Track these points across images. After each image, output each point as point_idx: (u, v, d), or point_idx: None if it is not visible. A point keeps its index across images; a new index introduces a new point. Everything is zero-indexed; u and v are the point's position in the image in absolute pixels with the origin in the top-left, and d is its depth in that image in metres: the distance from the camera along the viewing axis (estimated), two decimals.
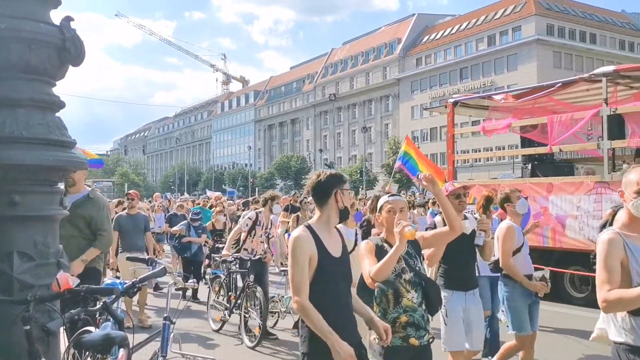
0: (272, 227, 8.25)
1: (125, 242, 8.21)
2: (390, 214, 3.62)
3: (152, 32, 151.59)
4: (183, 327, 8.24)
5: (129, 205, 8.54)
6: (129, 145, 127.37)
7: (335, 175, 3.26)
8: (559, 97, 9.51)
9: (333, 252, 3.17)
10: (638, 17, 69.24)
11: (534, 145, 10.44)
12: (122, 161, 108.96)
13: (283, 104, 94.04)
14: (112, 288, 3.49)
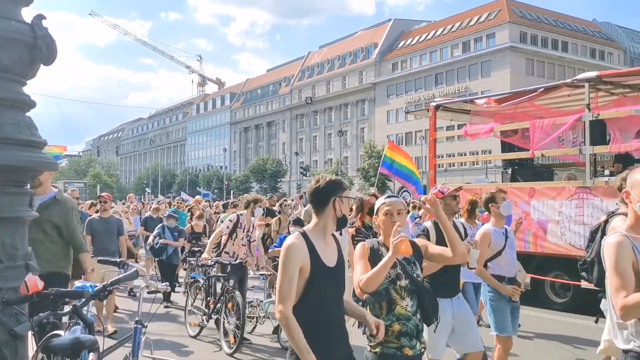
0: (253, 230, 8.04)
1: (97, 246, 7.85)
2: (387, 216, 3.45)
3: (127, 32, 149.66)
4: (159, 332, 8.01)
5: (101, 208, 8.22)
6: (101, 146, 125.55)
7: (335, 181, 3.12)
8: (541, 102, 9.49)
9: (327, 262, 3.01)
10: (609, 26, 70.64)
11: (515, 150, 10.38)
12: (94, 162, 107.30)
13: (259, 106, 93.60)
14: (82, 291, 3.44)
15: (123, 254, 8.02)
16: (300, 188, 61.57)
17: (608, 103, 9.27)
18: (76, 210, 5.51)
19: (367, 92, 72.92)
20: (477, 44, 62.57)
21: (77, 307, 3.33)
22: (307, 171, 62.80)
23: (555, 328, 8.20)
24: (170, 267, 10.33)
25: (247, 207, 7.98)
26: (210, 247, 7.84)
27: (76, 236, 5.23)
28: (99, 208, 8.27)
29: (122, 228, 8.27)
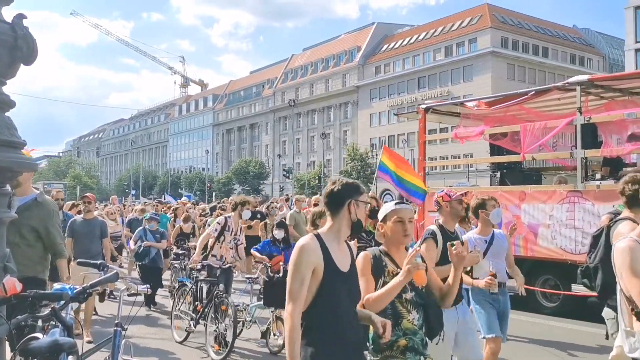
0: (241, 233, 7.84)
1: (79, 248, 7.54)
2: (398, 224, 3.24)
3: (109, 32, 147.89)
4: (144, 337, 7.79)
5: (85, 209, 7.90)
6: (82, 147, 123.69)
7: (352, 185, 3.01)
8: (531, 105, 9.41)
9: (341, 266, 2.89)
10: (588, 32, 71.52)
11: (504, 153, 10.33)
12: (74, 163, 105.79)
13: (242, 108, 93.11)
14: (61, 293, 3.40)
15: (107, 256, 7.75)
16: (283, 190, 61.33)
17: (598, 107, 9.23)
18: (57, 214, 5.27)
19: (351, 95, 72.93)
20: (459, 49, 62.94)
21: (56, 309, 3.28)
22: (289, 174, 62.57)
23: (545, 333, 8.12)
24: (154, 270, 10.03)
25: (234, 209, 7.80)
26: (200, 250, 7.62)
27: (56, 242, 5.00)
28: (83, 209, 7.95)
29: (105, 230, 7.97)
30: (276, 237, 7.61)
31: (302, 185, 63.82)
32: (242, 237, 7.87)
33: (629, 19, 51.16)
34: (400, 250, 3.29)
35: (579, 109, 8.28)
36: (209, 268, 7.34)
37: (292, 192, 61.22)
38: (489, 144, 10.65)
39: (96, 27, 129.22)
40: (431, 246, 4.70)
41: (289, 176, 62.43)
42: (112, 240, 10.01)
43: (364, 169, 60.00)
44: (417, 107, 10.58)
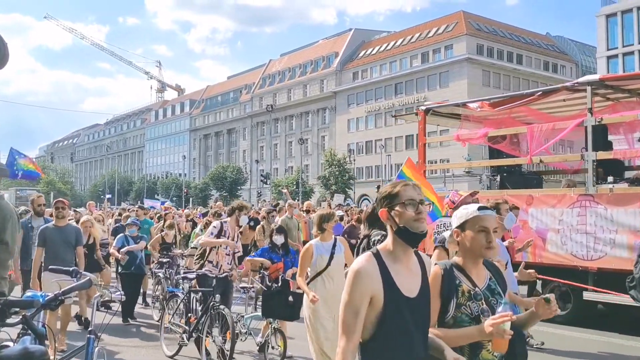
0: (238, 239, 7.21)
1: (51, 258, 6.81)
2: (480, 235, 2.60)
3: (84, 36, 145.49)
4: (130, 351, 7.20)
5: (59, 214, 7.15)
6: (55, 153, 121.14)
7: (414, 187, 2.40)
8: (536, 107, 8.96)
9: (406, 291, 2.31)
10: (561, 39, 72.38)
11: (503, 156, 9.89)
12: (48, 169, 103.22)
13: (219, 113, 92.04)
14: (32, 300, 3.32)
15: (80, 265, 6.97)
16: (261, 196, 60.48)
17: (603, 108, 8.84)
18: (14, 220, 4.66)
19: (328, 101, 72.58)
20: (435, 55, 63.11)
21: (27, 317, 3.23)
22: (267, 179, 61.82)
23: (557, 342, 7.68)
24: (136, 278, 9.43)
25: (231, 214, 7.20)
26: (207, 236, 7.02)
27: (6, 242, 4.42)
28: (56, 215, 7.20)
29: (80, 238, 7.28)
30: (276, 243, 7.03)
31: (280, 191, 63.12)
32: (238, 244, 7.26)
33: (601, 26, 51.85)
34: (478, 265, 2.69)
35: (589, 109, 7.87)
36: (203, 278, 6.73)
37: (269, 197, 60.51)
38: (487, 147, 10.19)
39: (71, 31, 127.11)
40: (442, 256, 4.32)
41: (267, 182, 61.67)
42: (101, 247, 9.41)
43: (342, 174, 59.60)
44: (417, 108, 10.06)
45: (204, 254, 7.04)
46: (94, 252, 8.71)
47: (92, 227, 8.71)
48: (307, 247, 5.64)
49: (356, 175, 63.69)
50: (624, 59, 50.60)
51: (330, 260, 5.58)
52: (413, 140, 63.70)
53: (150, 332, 8.55)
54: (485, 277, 2.68)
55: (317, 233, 5.71)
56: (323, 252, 5.59)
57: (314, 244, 5.62)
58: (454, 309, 2.56)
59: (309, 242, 5.71)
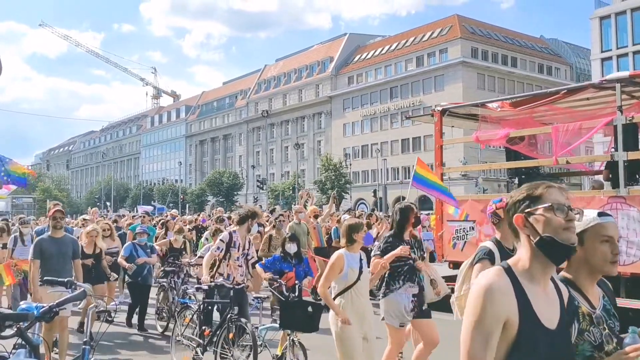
0: (250, 247, 6.65)
1: (48, 271, 6.22)
2: (603, 246, 2.08)
3: (79, 44, 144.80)
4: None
5: (57, 225, 6.55)
6: (51, 160, 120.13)
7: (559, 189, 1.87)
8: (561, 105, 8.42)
9: (545, 320, 1.78)
10: (555, 42, 72.19)
11: (520, 158, 9.36)
12: (44, 176, 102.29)
13: (215, 119, 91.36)
14: (26, 314, 3.33)
15: (78, 278, 6.41)
16: (257, 201, 59.89)
17: (629, 106, 8.32)
18: None
19: (324, 105, 72.11)
20: (430, 59, 62.78)
21: (22, 329, 3.24)
22: (263, 184, 61.23)
23: None
24: (142, 288, 8.97)
25: (242, 222, 6.62)
26: (207, 271, 6.45)
27: None
28: (53, 225, 6.59)
29: (78, 249, 6.71)
30: (288, 252, 6.50)
31: (277, 195, 62.57)
32: (252, 251, 6.70)
33: (595, 28, 51.58)
34: (594, 283, 2.17)
35: (619, 107, 7.34)
36: (219, 288, 6.20)
37: (266, 202, 59.89)
38: (504, 149, 9.65)
39: (66, 38, 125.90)
40: (484, 270, 3.73)
41: (263, 187, 61.08)
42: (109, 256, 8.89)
43: (338, 178, 59.08)
44: (433, 109, 9.51)
45: (214, 264, 6.50)
46: (100, 262, 8.33)
47: (97, 236, 8.29)
48: (337, 256, 5.08)
49: (352, 179, 63.21)
50: (618, 61, 50.31)
51: (359, 274, 5.06)
52: (409, 143, 63.39)
53: (157, 344, 8.11)
54: (599, 295, 2.17)
55: (346, 245, 5.18)
56: (353, 264, 5.06)
57: (345, 254, 5.09)
58: (576, 336, 2.02)
59: (338, 252, 5.16)
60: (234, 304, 6.07)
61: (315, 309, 5.62)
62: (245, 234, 6.59)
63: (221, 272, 6.45)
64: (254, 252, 6.85)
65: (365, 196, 59.27)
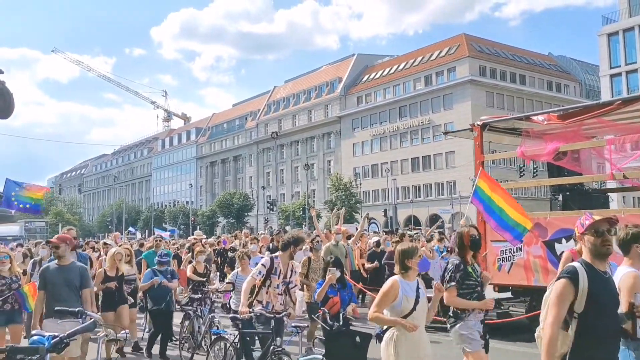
0: (292, 274, 6.05)
1: (52, 301, 5.75)
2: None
3: (90, 68, 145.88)
4: None
5: (54, 254, 6.05)
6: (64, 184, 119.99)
7: None
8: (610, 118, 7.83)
9: None
10: (564, 59, 71.69)
11: (564, 173, 8.74)
12: (56, 200, 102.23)
13: (225, 141, 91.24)
14: (37, 347, 3.35)
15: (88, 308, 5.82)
16: (268, 222, 59.27)
17: None
18: None
19: (333, 126, 71.81)
20: (438, 78, 62.45)
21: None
22: (274, 205, 60.67)
23: None
24: (167, 315, 8.46)
25: (285, 249, 6.02)
26: (245, 299, 5.85)
27: None
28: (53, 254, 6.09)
29: (86, 278, 6.09)
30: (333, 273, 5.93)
31: (287, 216, 61.95)
32: (294, 279, 6.11)
33: (603, 45, 51.09)
34: None
35: None
36: (258, 318, 5.61)
37: (276, 223, 59.22)
38: (546, 164, 9.04)
39: (78, 63, 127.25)
40: (565, 290, 3.25)
41: (274, 208, 60.51)
42: (126, 284, 8.32)
43: (349, 198, 58.41)
44: (473, 123, 8.92)
45: (252, 290, 5.92)
46: (122, 285, 7.95)
47: (120, 260, 7.91)
48: (392, 283, 4.53)
49: (363, 199, 62.54)
50: (627, 77, 49.76)
51: (415, 303, 4.45)
52: (419, 162, 62.79)
53: None
54: None
55: (400, 273, 4.60)
56: (409, 292, 4.47)
57: (400, 282, 4.51)
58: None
59: (393, 277, 4.59)
60: (276, 335, 5.50)
61: (363, 339, 5.18)
62: (288, 261, 6.01)
63: (260, 300, 5.86)
64: (297, 280, 6.27)
65: (376, 215, 58.46)
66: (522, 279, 8.02)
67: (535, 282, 7.95)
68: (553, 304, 3.29)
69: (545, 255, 7.83)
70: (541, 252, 7.86)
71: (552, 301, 3.32)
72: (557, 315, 3.24)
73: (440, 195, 60.31)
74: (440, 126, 60.72)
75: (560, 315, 3.25)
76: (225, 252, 11.95)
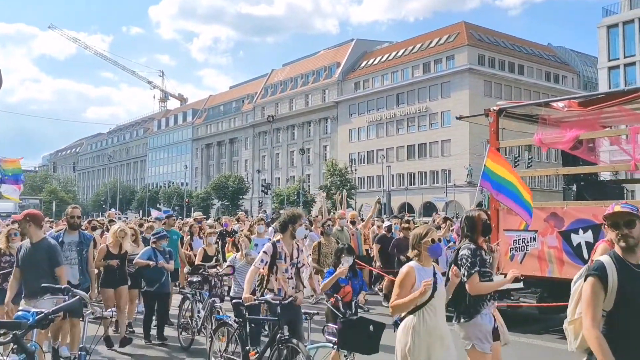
0: (300, 254, 5.68)
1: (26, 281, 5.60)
2: None
3: (87, 46, 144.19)
4: None
5: (23, 231, 5.85)
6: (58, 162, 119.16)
7: None
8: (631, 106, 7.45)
9: None
10: (563, 50, 71.23)
11: (579, 162, 8.38)
12: (50, 178, 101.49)
13: (221, 123, 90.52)
14: (21, 322, 3.35)
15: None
16: (262, 205, 58.90)
17: None
18: None
19: (330, 111, 71.27)
20: (437, 65, 61.95)
21: (18, 336, 3.29)
22: (268, 189, 60.29)
23: None
24: (163, 296, 8.17)
25: (284, 229, 5.64)
26: (249, 286, 5.47)
27: None
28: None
29: (55, 256, 5.68)
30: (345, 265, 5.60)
31: (282, 200, 61.61)
32: (303, 258, 5.74)
33: (602, 37, 50.65)
34: None
35: None
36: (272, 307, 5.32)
37: (270, 207, 58.85)
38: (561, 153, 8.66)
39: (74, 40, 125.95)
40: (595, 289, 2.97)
41: (268, 192, 60.13)
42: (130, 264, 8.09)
43: (344, 184, 58.07)
44: (488, 109, 8.49)
45: (262, 280, 5.56)
46: (124, 264, 7.76)
47: (124, 237, 7.69)
48: (406, 270, 4.20)
49: (358, 185, 62.24)
50: (625, 70, 49.44)
51: (433, 290, 4.11)
52: (415, 150, 62.44)
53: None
54: None
55: (414, 256, 4.27)
56: (425, 279, 4.12)
57: (416, 268, 4.16)
58: None
59: (407, 265, 4.25)
60: (283, 322, 5.16)
61: (376, 328, 4.91)
62: (291, 241, 5.64)
63: (271, 288, 5.50)
64: (305, 259, 5.90)
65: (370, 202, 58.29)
66: (536, 269, 7.69)
67: (549, 273, 7.63)
68: (587, 306, 3.01)
69: (560, 246, 7.50)
70: (557, 242, 7.52)
71: (584, 303, 3.05)
72: (593, 316, 2.98)
73: (435, 183, 60.11)
74: (437, 114, 60.37)
75: (596, 316, 2.99)
76: (226, 234, 11.60)
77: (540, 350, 7.42)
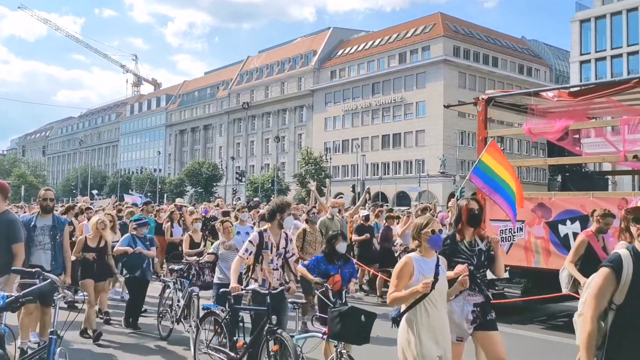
0: (288, 244, 5.47)
1: None
2: None
3: (58, 28, 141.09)
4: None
5: None
6: (27, 145, 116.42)
7: None
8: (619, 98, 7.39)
9: None
10: (536, 43, 72.04)
11: (564, 154, 8.33)
12: (19, 162, 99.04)
13: (196, 109, 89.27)
14: None
15: (18, 265, 5.14)
16: (236, 193, 58.39)
17: None
18: None
19: (305, 99, 70.90)
20: (412, 56, 62.07)
21: None
22: (242, 176, 59.79)
23: None
24: (141, 283, 7.94)
25: (272, 218, 5.43)
26: (235, 276, 5.27)
27: None
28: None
29: (13, 232, 5.29)
30: (339, 252, 5.42)
31: (256, 188, 61.20)
32: (291, 248, 5.54)
33: (575, 31, 51.31)
34: None
35: None
36: (255, 294, 5.11)
37: (244, 195, 58.38)
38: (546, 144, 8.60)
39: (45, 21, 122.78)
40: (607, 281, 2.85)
41: (242, 179, 59.62)
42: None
43: (318, 172, 57.92)
44: (477, 97, 8.35)
45: (248, 269, 5.35)
46: (104, 256, 7.45)
47: (104, 229, 7.42)
48: (405, 261, 4.04)
49: (332, 174, 62.19)
50: (596, 64, 50.20)
51: (434, 282, 3.95)
52: (389, 140, 62.57)
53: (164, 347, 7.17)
54: None
55: (415, 247, 4.09)
56: (426, 271, 3.97)
57: (414, 259, 3.99)
58: None
59: (406, 255, 4.09)
60: (272, 313, 4.99)
61: (368, 318, 4.77)
62: (279, 231, 5.43)
63: (255, 278, 5.28)
64: (294, 249, 5.70)
65: (345, 191, 58.16)
66: (522, 260, 7.63)
67: (535, 263, 7.57)
68: (592, 297, 2.90)
69: (547, 237, 7.44)
70: (544, 233, 7.46)
71: (591, 293, 2.93)
72: (596, 308, 2.88)
73: (409, 173, 60.43)
74: (412, 104, 60.53)
75: (600, 309, 2.90)
76: (207, 220, 11.33)
77: (524, 340, 7.37)
